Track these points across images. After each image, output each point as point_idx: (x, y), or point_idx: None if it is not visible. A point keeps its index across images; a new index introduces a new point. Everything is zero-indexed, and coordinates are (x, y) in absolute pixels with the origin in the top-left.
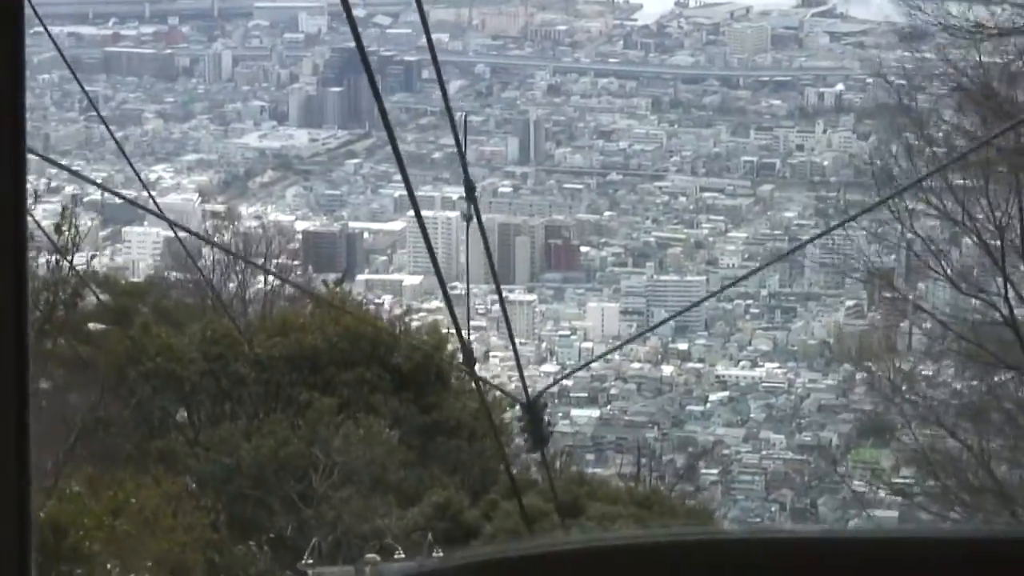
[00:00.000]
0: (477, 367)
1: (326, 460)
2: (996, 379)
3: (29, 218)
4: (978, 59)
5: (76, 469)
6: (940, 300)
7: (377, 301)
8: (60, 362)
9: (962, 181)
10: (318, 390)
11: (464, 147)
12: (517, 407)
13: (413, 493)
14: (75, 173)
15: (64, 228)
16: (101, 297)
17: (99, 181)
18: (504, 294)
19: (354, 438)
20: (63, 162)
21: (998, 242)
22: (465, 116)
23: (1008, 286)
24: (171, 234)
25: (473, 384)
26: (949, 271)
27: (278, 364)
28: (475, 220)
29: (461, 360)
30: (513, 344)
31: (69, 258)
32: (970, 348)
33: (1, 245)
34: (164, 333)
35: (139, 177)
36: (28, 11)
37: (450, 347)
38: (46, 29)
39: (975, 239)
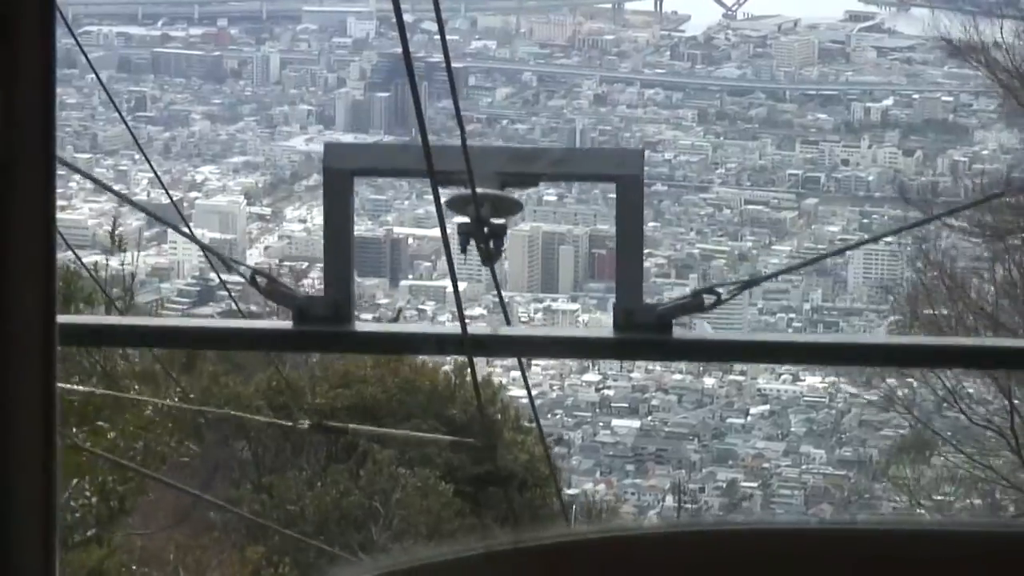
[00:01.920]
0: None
1: (385, 511)
2: None
3: (82, 217)
4: None
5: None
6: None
7: (422, 307)
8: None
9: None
10: (377, 442)
11: (464, 140)
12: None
13: (467, 541)
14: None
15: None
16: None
17: (145, 181)
18: (547, 303)
19: (411, 489)
20: (108, 162)
21: None
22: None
23: None
24: (217, 235)
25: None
26: (992, 289)
27: (339, 415)
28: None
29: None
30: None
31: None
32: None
33: (32, 256)
34: (232, 382)
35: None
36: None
37: (500, 402)
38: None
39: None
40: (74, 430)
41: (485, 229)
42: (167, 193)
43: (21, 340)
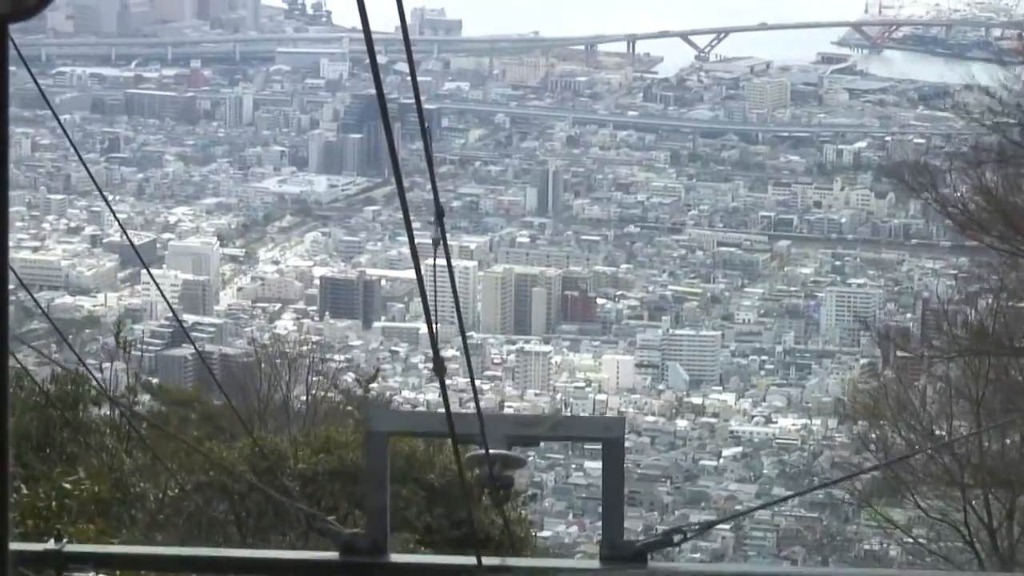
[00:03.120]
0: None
1: None
2: (1010, 440)
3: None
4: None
5: None
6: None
7: (395, 348)
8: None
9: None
10: (359, 506)
11: (431, 161)
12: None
13: None
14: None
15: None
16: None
17: (120, 221)
18: (520, 344)
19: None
20: (82, 203)
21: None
22: (427, 126)
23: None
24: (190, 276)
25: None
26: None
27: (322, 479)
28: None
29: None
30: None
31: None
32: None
33: None
34: (217, 447)
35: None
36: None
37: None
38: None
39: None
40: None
41: (498, 472)
42: (127, 236)
43: None
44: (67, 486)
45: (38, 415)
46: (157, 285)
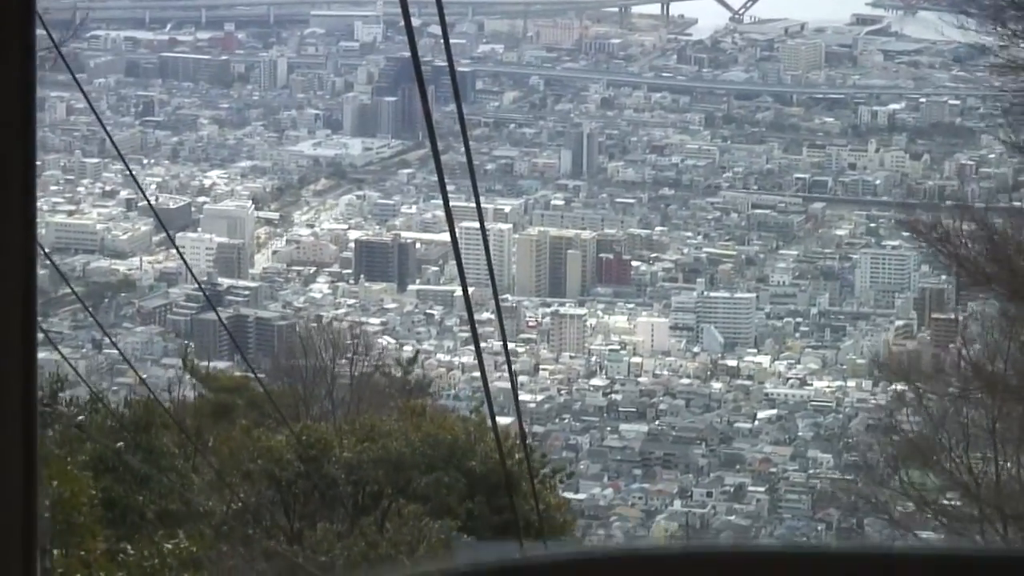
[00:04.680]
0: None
1: (410, 563)
2: None
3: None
4: None
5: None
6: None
7: (430, 311)
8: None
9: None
10: (402, 493)
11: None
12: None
13: None
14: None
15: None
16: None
17: (153, 185)
18: (555, 307)
19: (435, 540)
20: (117, 166)
21: None
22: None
23: None
24: (225, 239)
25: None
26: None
27: (366, 467)
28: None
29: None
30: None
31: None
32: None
33: (12, 261)
34: (263, 436)
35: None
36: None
37: (517, 456)
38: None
39: None
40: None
41: None
42: (146, 198)
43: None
44: (168, 546)
45: (113, 439)
46: (179, 253)
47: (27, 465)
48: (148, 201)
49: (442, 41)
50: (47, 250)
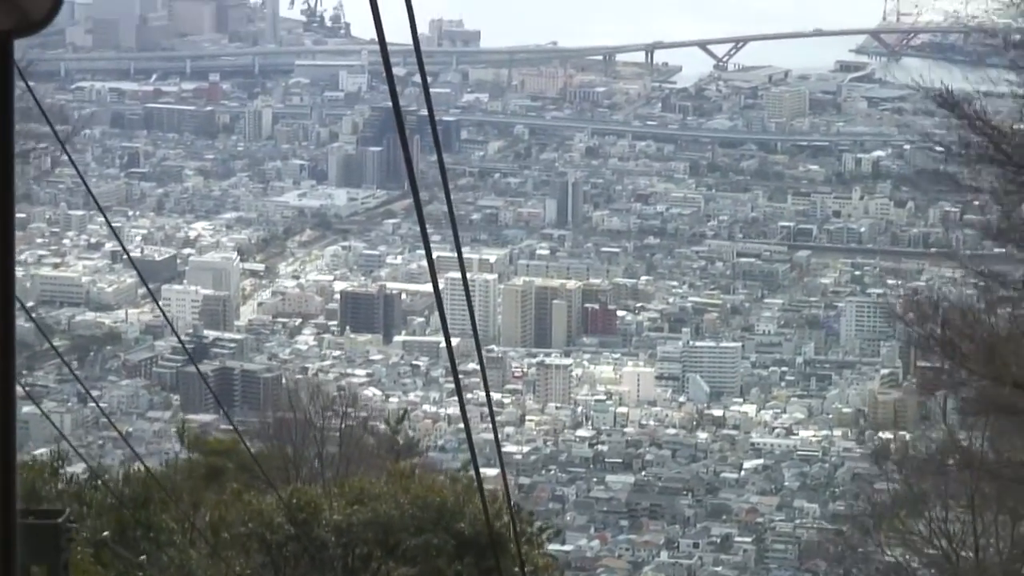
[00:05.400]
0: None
1: None
2: None
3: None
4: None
5: None
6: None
7: (415, 363)
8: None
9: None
10: (391, 556)
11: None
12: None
13: None
14: None
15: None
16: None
17: (139, 237)
18: (540, 357)
19: None
20: (102, 219)
21: None
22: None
23: None
24: (211, 292)
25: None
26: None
27: (356, 530)
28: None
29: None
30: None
31: None
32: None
33: None
34: (254, 499)
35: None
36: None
37: (505, 519)
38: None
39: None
40: None
41: None
42: (124, 251)
43: None
44: None
45: (113, 516)
46: (160, 308)
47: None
48: (128, 255)
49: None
50: (31, 303)
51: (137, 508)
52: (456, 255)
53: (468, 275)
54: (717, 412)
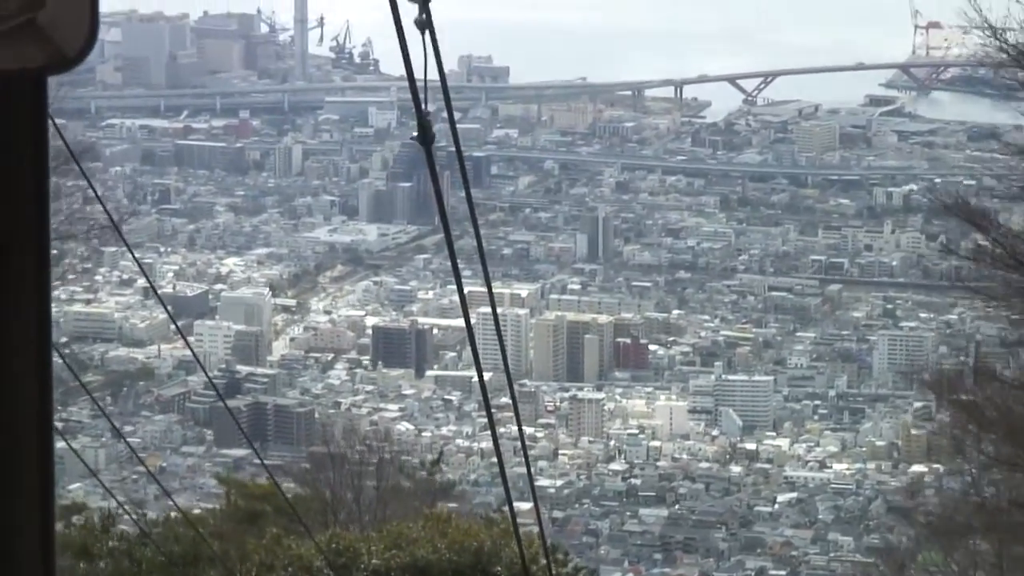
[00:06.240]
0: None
1: None
2: None
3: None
4: None
5: None
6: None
7: (447, 397)
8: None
9: None
10: None
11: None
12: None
13: None
14: None
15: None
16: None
17: (171, 273)
18: (573, 391)
19: None
20: (135, 254)
21: None
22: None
23: None
24: (243, 327)
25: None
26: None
27: (394, 574)
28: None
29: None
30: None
31: None
32: None
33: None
34: (294, 544)
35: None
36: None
37: (542, 561)
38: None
39: None
40: None
41: None
42: (152, 286)
43: (16, 427)
44: None
45: (163, 574)
46: (187, 344)
47: (45, 566)
48: (155, 291)
49: (458, 126)
50: (64, 339)
51: (187, 565)
52: (487, 290)
53: (500, 310)
54: (750, 446)
